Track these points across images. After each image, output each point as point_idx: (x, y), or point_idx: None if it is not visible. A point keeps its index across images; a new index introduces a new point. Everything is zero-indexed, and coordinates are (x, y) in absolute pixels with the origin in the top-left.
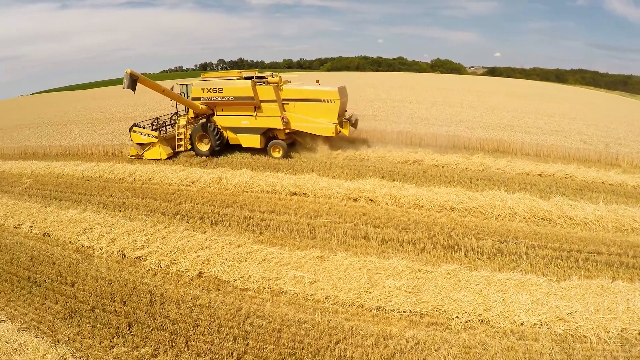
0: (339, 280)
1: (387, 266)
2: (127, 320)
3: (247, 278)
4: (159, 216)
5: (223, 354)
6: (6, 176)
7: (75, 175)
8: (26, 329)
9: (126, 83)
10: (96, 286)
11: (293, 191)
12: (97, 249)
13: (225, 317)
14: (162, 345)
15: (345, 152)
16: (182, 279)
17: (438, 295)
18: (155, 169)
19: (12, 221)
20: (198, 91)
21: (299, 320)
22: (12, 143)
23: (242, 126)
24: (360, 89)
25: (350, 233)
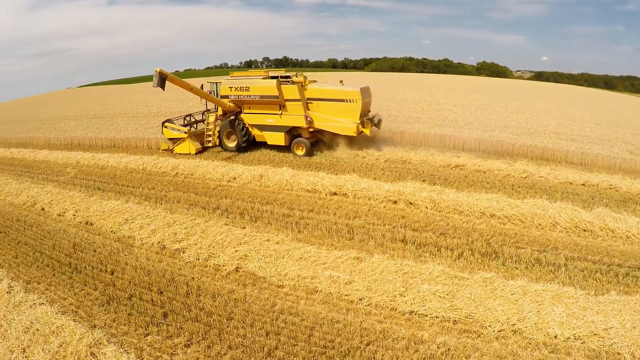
0: (374, 282)
1: (423, 271)
2: (162, 310)
3: (283, 275)
4: (200, 210)
5: (254, 348)
6: (52, 165)
7: (119, 167)
8: (64, 313)
9: (156, 81)
10: (135, 275)
11: (333, 191)
12: (138, 240)
13: (259, 312)
14: (195, 336)
15: (387, 155)
16: (219, 273)
17: (472, 302)
18: (197, 164)
19: (56, 209)
20: (226, 89)
21: (331, 320)
22: (59, 134)
23: (267, 124)
24: (405, 91)
25: (388, 235)
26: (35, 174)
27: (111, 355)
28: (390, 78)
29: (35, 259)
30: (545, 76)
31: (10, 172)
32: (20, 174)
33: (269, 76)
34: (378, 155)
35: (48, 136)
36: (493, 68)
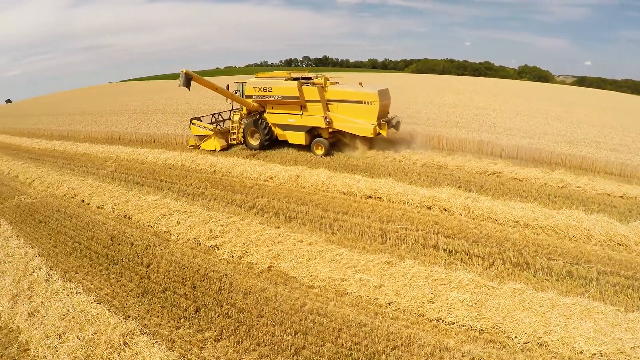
0: (403, 288)
1: (453, 278)
2: (195, 304)
3: (314, 276)
4: (236, 208)
5: (282, 346)
6: (93, 158)
7: (158, 163)
8: (100, 302)
9: (181, 81)
10: (169, 269)
11: (368, 194)
12: (174, 235)
13: (289, 311)
14: (225, 331)
15: (424, 159)
16: (252, 271)
17: (500, 313)
18: (235, 162)
19: (95, 201)
20: (250, 90)
21: (359, 323)
22: (100, 127)
23: (289, 124)
24: (444, 94)
25: (420, 241)
26: (76, 167)
27: (143, 345)
28: (430, 80)
29: (73, 249)
30: (587, 81)
31: (52, 163)
32: (61, 165)
33: (291, 77)
34: (415, 160)
35: (89, 130)
36: (535, 72)
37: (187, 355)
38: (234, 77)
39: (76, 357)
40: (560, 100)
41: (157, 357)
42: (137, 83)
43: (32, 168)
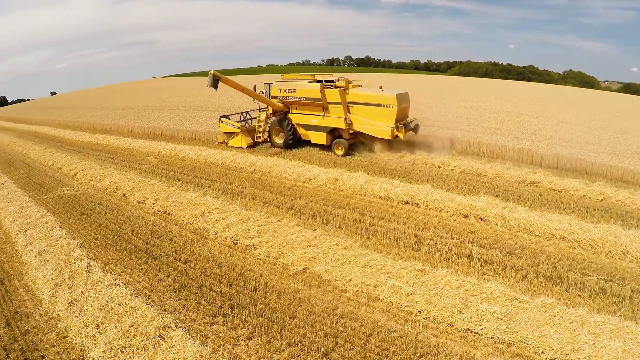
0: (434, 296)
1: (485, 289)
2: (230, 302)
3: (347, 280)
4: (274, 209)
5: (312, 347)
6: (135, 153)
7: (199, 160)
8: (138, 296)
9: (209, 82)
10: (207, 266)
11: (405, 200)
12: (212, 233)
13: (321, 313)
14: (258, 330)
15: (462, 166)
16: (286, 272)
17: (529, 327)
18: (275, 162)
19: (137, 196)
20: (276, 90)
21: (389, 329)
22: (142, 123)
23: (311, 124)
24: (486, 99)
25: (454, 250)
26: (118, 161)
27: (178, 339)
28: (472, 83)
29: (114, 242)
30: (634, 88)
31: (94, 157)
32: (104, 159)
33: (314, 80)
34: (454, 166)
35: (132, 125)
36: (579, 77)
37: (220, 351)
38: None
39: (113, 347)
40: (604, 108)
41: (190, 351)
42: (179, 79)
43: (76, 160)
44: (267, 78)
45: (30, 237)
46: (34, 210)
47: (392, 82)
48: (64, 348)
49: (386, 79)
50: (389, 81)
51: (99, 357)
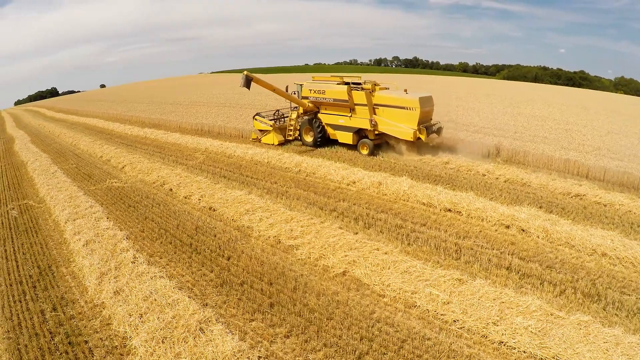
0: (470, 307)
1: (521, 303)
2: (270, 300)
3: (386, 285)
4: (317, 210)
5: (347, 349)
6: (182, 149)
7: (245, 158)
8: (181, 289)
9: (242, 82)
10: (249, 264)
11: (448, 207)
12: (256, 231)
13: (357, 317)
14: (295, 329)
15: (507, 175)
16: (327, 274)
17: (562, 344)
18: (320, 163)
19: (183, 191)
20: (307, 91)
21: (423, 336)
22: (190, 119)
23: (339, 124)
24: (534, 105)
25: (494, 261)
26: (166, 155)
27: (217, 333)
28: (521, 88)
29: (159, 235)
30: None
31: (142, 151)
32: (152, 153)
33: (342, 82)
34: (498, 175)
35: (180, 120)
36: (632, 85)
37: (257, 347)
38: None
39: (154, 337)
40: None
41: (229, 345)
42: (227, 75)
43: (124, 153)
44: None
45: (79, 226)
46: (83, 200)
47: (439, 85)
48: (107, 335)
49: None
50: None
51: (140, 345)
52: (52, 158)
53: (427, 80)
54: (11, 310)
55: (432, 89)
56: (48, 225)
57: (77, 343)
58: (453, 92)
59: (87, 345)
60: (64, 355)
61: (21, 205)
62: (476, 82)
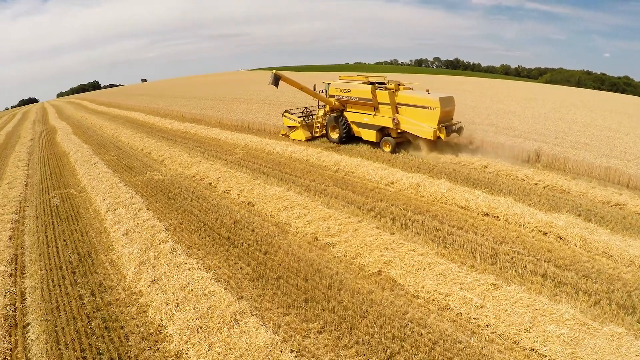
0: (503, 312)
1: (555, 311)
2: (305, 295)
3: (420, 287)
4: (354, 209)
5: (379, 348)
6: (222, 144)
7: (285, 155)
8: (217, 281)
9: (271, 80)
10: (285, 259)
11: (485, 212)
12: (293, 227)
13: (390, 316)
14: (328, 325)
15: (546, 181)
16: (362, 273)
17: (594, 355)
18: (359, 162)
19: (222, 186)
20: (333, 90)
21: (455, 339)
22: (230, 114)
23: (363, 122)
24: (576, 111)
25: (529, 267)
26: (205, 150)
27: (252, 325)
28: (563, 93)
29: (198, 228)
30: None
31: (183, 145)
32: (192, 147)
33: (367, 81)
34: (537, 181)
35: (220, 116)
36: None
37: (290, 341)
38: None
39: (190, 326)
40: None
41: (262, 338)
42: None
43: (165, 147)
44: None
45: (119, 216)
46: (123, 191)
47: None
48: (143, 322)
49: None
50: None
51: (175, 333)
52: (93, 149)
53: (468, 82)
54: (50, 294)
55: (473, 91)
56: (89, 213)
57: (113, 328)
58: (494, 95)
59: (123, 331)
60: (100, 339)
61: (63, 194)
62: (518, 85)
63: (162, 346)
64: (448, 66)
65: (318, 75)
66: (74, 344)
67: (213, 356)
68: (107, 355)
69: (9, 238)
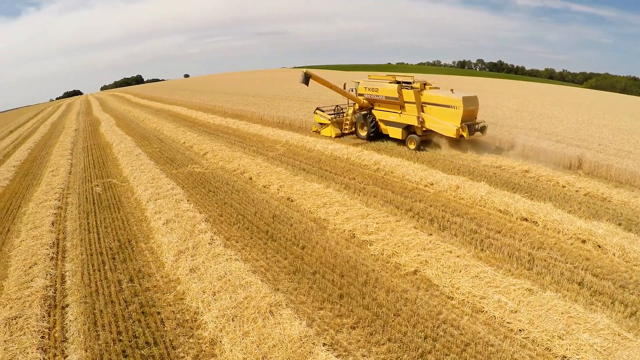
0: (537, 318)
1: (589, 320)
2: (340, 291)
3: (455, 288)
4: (393, 209)
5: (411, 346)
6: (263, 140)
7: (325, 153)
8: (254, 272)
9: (301, 79)
10: (322, 255)
11: (524, 216)
12: (331, 224)
13: (424, 316)
14: (362, 321)
15: (588, 188)
16: (398, 271)
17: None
18: (398, 163)
19: (262, 180)
20: (362, 89)
21: (487, 342)
22: (271, 111)
23: (390, 120)
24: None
25: (566, 275)
26: (246, 145)
27: (286, 317)
28: (608, 99)
29: (237, 220)
30: None
31: (224, 139)
32: (233, 142)
33: (394, 81)
34: (578, 188)
35: (262, 112)
36: None
37: (323, 335)
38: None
39: (225, 315)
40: None
41: (296, 330)
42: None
43: (206, 141)
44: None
45: (160, 206)
46: (165, 182)
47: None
48: (179, 309)
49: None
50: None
51: (211, 321)
52: (136, 141)
53: (512, 85)
54: (90, 278)
55: (516, 95)
56: (130, 203)
57: (150, 313)
58: (538, 99)
59: (160, 317)
60: (137, 323)
61: (105, 183)
62: (562, 90)
63: (197, 333)
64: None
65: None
66: (111, 327)
67: (247, 345)
68: (143, 339)
69: (52, 223)
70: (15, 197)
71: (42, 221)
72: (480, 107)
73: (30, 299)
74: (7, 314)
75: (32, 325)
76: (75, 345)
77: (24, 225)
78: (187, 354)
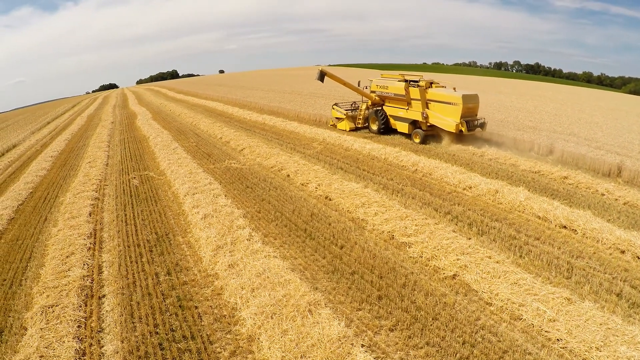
0: (575, 328)
1: (628, 332)
2: (378, 292)
3: (494, 294)
4: (431, 211)
5: (449, 351)
6: (300, 138)
7: (363, 152)
8: (293, 270)
9: (317, 76)
10: (361, 255)
11: (563, 224)
12: (370, 224)
13: (462, 321)
14: (400, 324)
15: (627, 197)
16: (437, 275)
17: None
18: (436, 165)
19: (300, 178)
20: (374, 86)
21: (525, 350)
22: (308, 109)
23: (398, 115)
24: None
25: (605, 285)
26: (284, 142)
27: (325, 317)
28: None
29: (275, 218)
30: None
31: (261, 136)
32: (270, 139)
33: (403, 79)
34: (618, 196)
35: (298, 109)
36: None
37: (362, 336)
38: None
39: (264, 312)
40: None
41: (335, 330)
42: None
43: (243, 137)
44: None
45: (197, 200)
46: (202, 177)
47: (561, 96)
48: (217, 304)
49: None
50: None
51: (249, 317)
52: (172, 135)
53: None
54: (127, 269)
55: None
56: (167, 196)
57: (187, 307)
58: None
59: (197, 311)
60: (174, 316)
61: (142, 176)
62: (600, 95)
63: (235, 329)
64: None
65: None
66: (148, 319)
67: (285, 343)
68: (180, 333)
69: (89, 214)
70: (53, 186)
71: (80, 211)
72: (517, 110)
73: (67, 288)
74: (44, 302)
75: (68, 314)
76: (112, 335)
77: (62, 214)
78: (224, 350)
